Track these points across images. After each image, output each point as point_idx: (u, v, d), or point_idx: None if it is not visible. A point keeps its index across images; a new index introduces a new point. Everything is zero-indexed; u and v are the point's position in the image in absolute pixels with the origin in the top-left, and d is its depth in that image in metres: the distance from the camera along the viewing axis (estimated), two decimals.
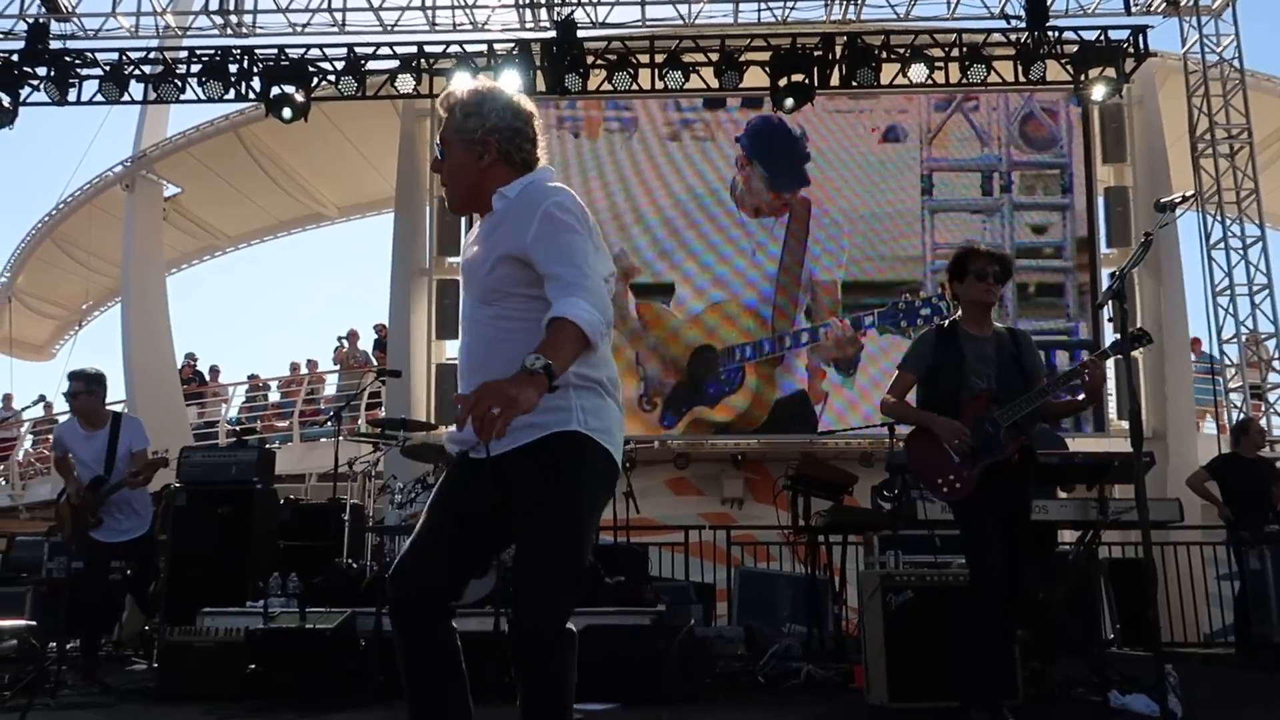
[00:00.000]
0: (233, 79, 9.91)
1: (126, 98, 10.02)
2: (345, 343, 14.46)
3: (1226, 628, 8.17)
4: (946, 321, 4.41)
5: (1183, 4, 10.57)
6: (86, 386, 6.23)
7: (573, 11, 10.00)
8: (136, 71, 9.96)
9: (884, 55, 9.78)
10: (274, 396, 15.62)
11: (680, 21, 10.54)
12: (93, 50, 10.02)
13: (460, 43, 10.15)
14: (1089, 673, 4.87)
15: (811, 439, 10.66)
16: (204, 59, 9.93)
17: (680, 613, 6.42)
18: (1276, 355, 10.29)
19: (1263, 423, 9.95)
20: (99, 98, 9.94)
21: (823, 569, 6.79)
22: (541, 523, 2.41)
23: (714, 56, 9.89)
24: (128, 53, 9.97)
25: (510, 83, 9.90)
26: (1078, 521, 5.30)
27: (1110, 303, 3.39)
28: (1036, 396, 4.14)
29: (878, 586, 4.75)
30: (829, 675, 5.56)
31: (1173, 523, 5.31)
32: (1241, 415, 9.84)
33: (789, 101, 9.79)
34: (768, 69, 9.83)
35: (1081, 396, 4.32)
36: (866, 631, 4.89)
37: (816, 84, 9.78)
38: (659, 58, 9.89)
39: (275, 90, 9.81)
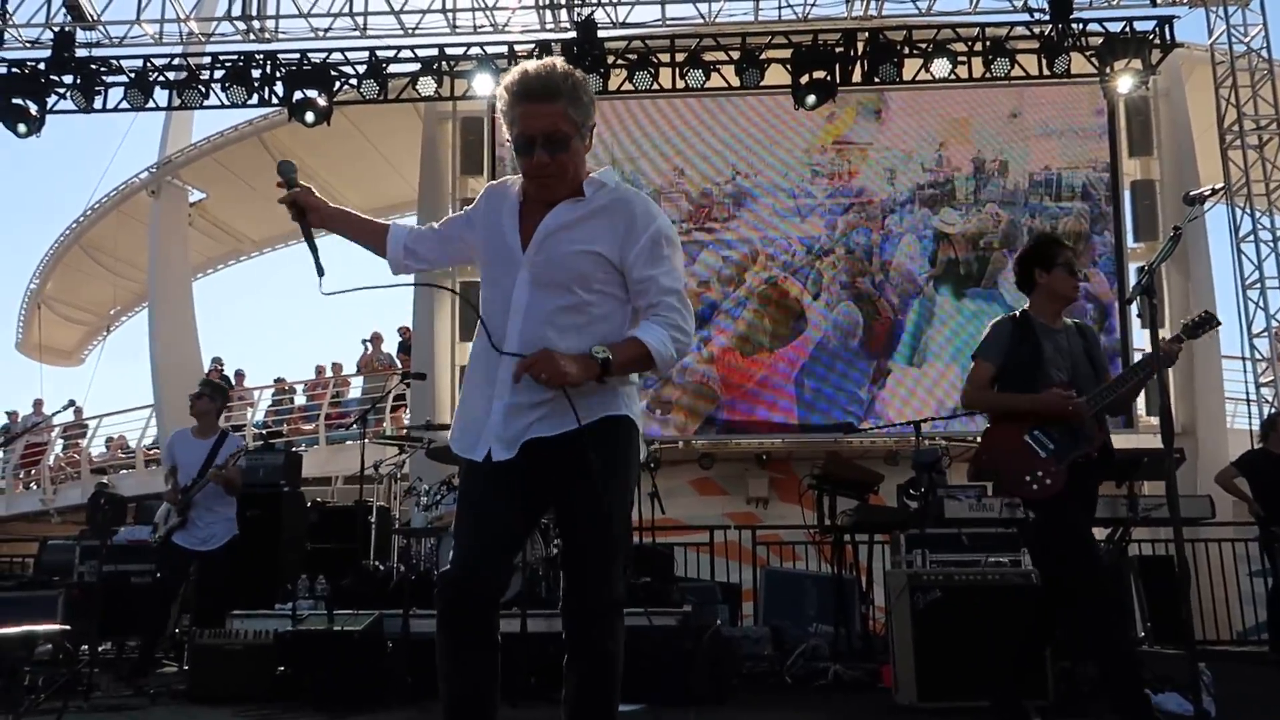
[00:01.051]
0: (255, 84, 10.00)
1: (151, 104, 10.14)
2: (369, 346, 14.54)
3: (1259, 625, 8.07)
4: (1019, 312, 4.20)
5: None
6: (209, 392, 6.70)
7: (593, 12, 10.00)
8: (161, 78, 10.07)
9: (906, 51, 9.73)
10: (300, 400, 15.73)
11: (700, 20, 10.52)
12: (118, 58, 10.13)
13: (481, 44, 10.18)
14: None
15: (837, 438, 10.62)
16: (227, 65, 10.02)
17: (706, 613, 6.41)
18: None
19: None
20: (124, 105, 10.08)
21: (849, 568, 6.75)
22: (604, 504, 2.41)
23: (735, 54, 9.87)
24: (152, 59, 10.09)
25: None
26: (1108, 519, 5.26)
27: (1140, 298, 3.30)
28: (1119, 384, 3.96)
29: (905, 586, 4.73)
30: (857, 675, 5.54)
31: (1204, 519, 5.27)
32: (1273, 409, 9.70)
33: (810, 99, 9.76)
34: (789, 66, 9.81)
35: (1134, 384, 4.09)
36: (894, 631, 4.87)
37: (839, 81, 9.75)
38: (680, 56, 9.90)
39: (298, 94, 9.90)
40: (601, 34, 9.95)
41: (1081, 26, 9.77)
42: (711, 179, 11.44)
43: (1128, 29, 9.73)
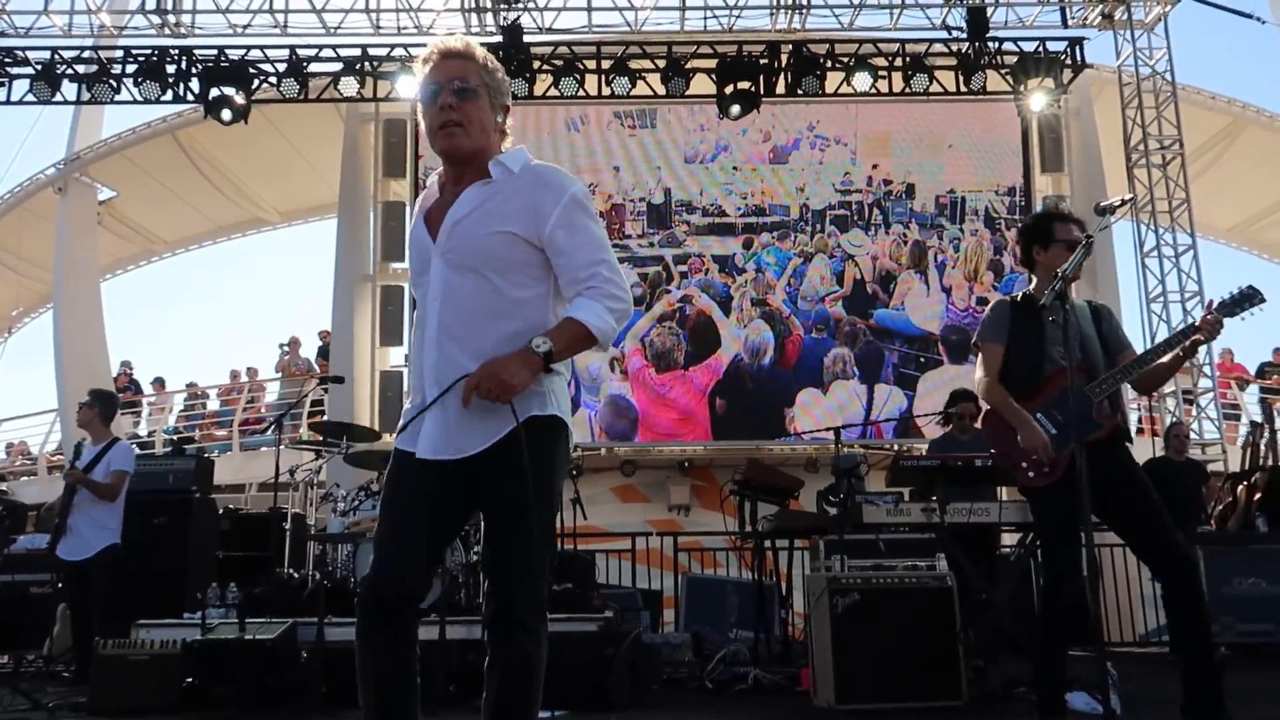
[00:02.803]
0: (170, 80, 9.76)
1: (59, 98, 9.81)
2: (287, 350, 14.24)
3: (1161, 627, 8.33)
4: (1020, 295, 4.01)
5: (1117, 18, 10.83)
6: (89, 401, 6.66)
7: (519, 17, 9.97)
8: (70, 71, 9.76)
9: (828, 64, 9.92)
10: (213, 405, 15.32)
11: (627, 28, 10.56)
12: (24, 48, 9.79)
13: (405, 46, 10.08)
14: (1030, 672, 4.93)
15: (758, 444, 10.71)
16: (140, 59, 9.75)
17: (628, 620, 6.39)
18: (1206, 360, 10.54)
19: (1194, 426, 10.20)
20: (30, 97, 9.72)
21: (769, 574, 6.80)
22: (532, 509, 2.35)
23: (661, 63, 9.94)
24: (60, 51, 9.76)
25: None
26: (1018, 523, 5.38)
27: (1055, 304, 3.35)
28: (1133, 367, 3.73)
29: (824, 589, 4.78)
30: (776, 679, 5.57)
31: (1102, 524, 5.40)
32: (1173, 419, 10.07)
33: (735, 109, 9.86)
34: (714, 76, 9.90)
35: (1169, 357, 3.77)
36: (814, 634, 4.92)
37: (762, 91, 9.87)
38: (605, 64, 9.92)
39: (214, 92, 9.67)
40: (527, 39, 9.94)
41: (997, 45, 10.08)
42: (625, 192, 11.41)
43: (1041, 49, 10.08)
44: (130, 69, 9.77)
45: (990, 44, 10.03)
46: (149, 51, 9.82)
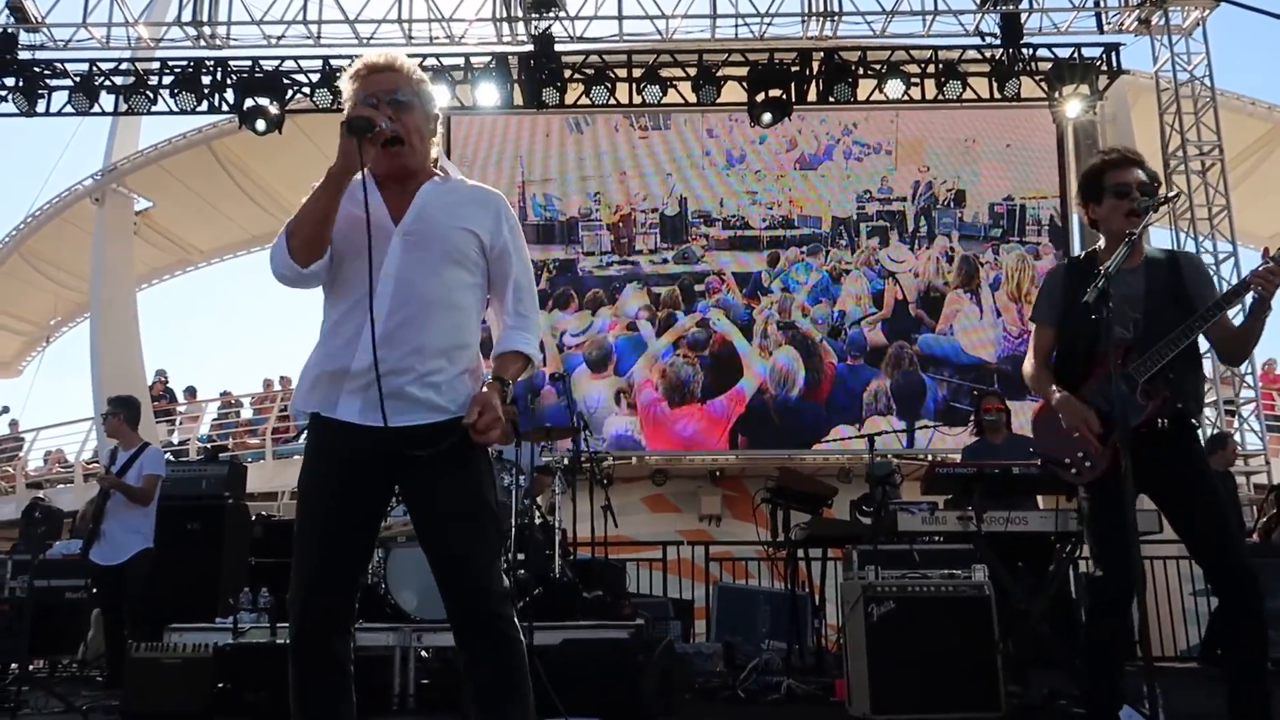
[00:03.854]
0: (206, 91, 9.86)
1: (97, 109, 9.96)
2: None
3: (1202, 643, 8.18)
4: (1083, 254, 3.56)
5: (1154, 23, 10.69)
6: (112, 410, 6.76)
7: (550, 25, 9.98)
8: (107, 83, 9.89)
9: (860, 71, 9.87)
10: (246, 413, 15.44)
11: (658, 36, 10.54)
12: (62, 61, 9.93)
13: (437, 55, 10.13)
14: (1070, 685, 4.83)
15: (790, 454, 10.63)
16: (176, 70, 9.87)
17: (659, 629, 6.35)
18: (1248, 370, 10.36)
19: (1236, 437, 10.01)
20: (69, 109, 9.86)
21: (802, 584, 6.74)
22: (478, 502, 2.43)
23: (691, 71, 9.92)
24: (98, 64, 9.89)
25: (488, 96, 9.91)
26: (1058, 532, 5.28)
27: (1097, 303, 3.13)
28: (1180, 337, 3.23)
29: (859, 597, 4.71)
30: (810, 689, 5.50)
31: (1150, 534, 5.29)
32: (1215, 427, 9.89)
33: (766, 116, 9.83)
34: (745, 84, 9.87)
35: (1242, 322, 3.31)
36: (848, 643, 4.84)
37: (794, 99, 9.83)
38: (637, 72, 9.92)
39: (249, 102, 9.75)
40: (559, 48, 9.95)
41: (1031, 52, 9.98)
42: (634, 202, 10.86)
43: (1076, 55, 9.96)
44: (166, 80, 9.89)
45: (1024, 50, 9.93)
46: (185, 63, 9.93)
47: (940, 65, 9.97)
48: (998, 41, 9.89)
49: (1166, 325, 3.28)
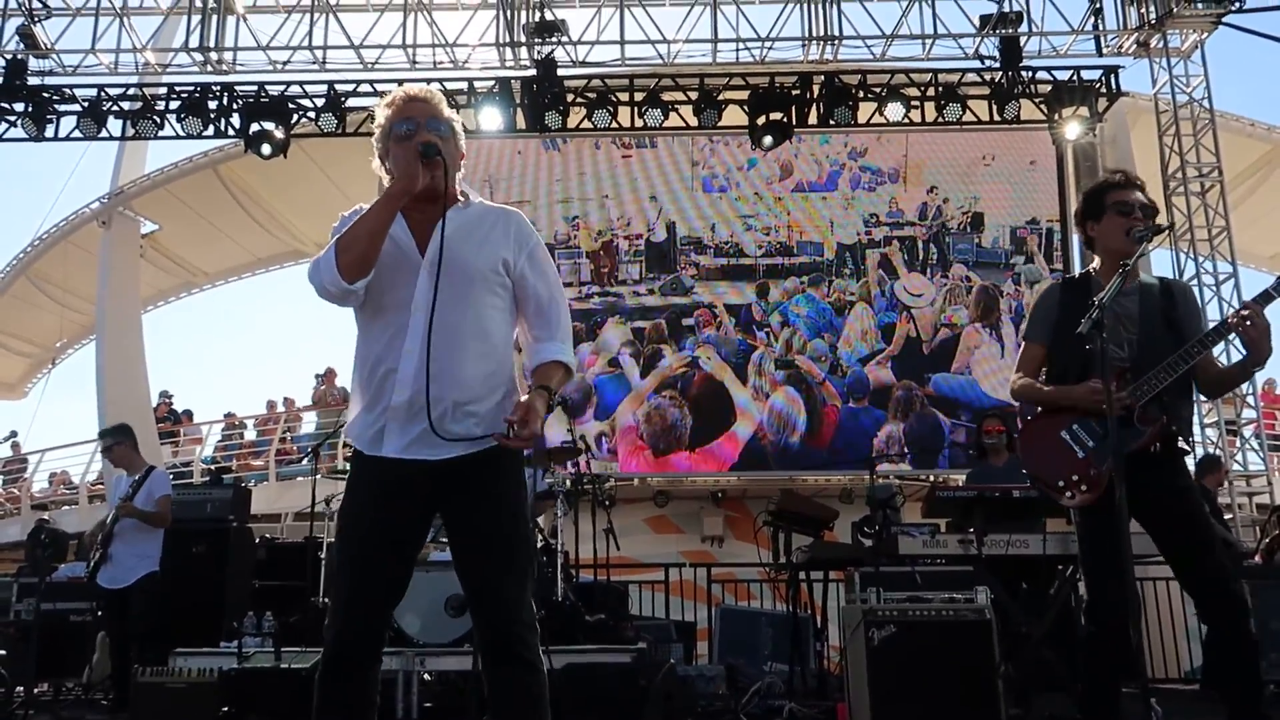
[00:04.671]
0: (212, 115, 9.97)
1: (104, 134, 10.06)
2: (323, 380, 14.38)
3: (1204, 668, 8.16)
4: (1079, 272, 3.60)
5: (1153, 46, 10.76)
6: (112, 443, 6.80)
7: (553, 50, 10.08)
8: (115, 108, 10.00)
9: (861, 94, 9.95)
10: (250, 435, 15.48)
11: (659, 61, 10.63)
12: (71, 86, 10.03)
13: (441, 80, 10.22)
14: (1072, 708, 4.84)
15: (792, 475, 10.63)
16: (183, 95, 9.97)
17: (661, 651, 6.36)
18: (1249, 391, 10.37)
19: (1237, 457, 10.02)
20: (77, 134, 9.97)
21: (804, 607, 6.74)
22: (515, 530, 2.48)
23: (693, 95, 10.01)
24: (106, 89, 10.00)
25: (491, 120, 10.00)
26: (1060, 556, 5.30)
27: (1092, 332, 3.18)
28: (1176, 364, 3.24)
29: (860, 621, 4.72)
30: (811, 713, 5.50)
31: (1152, 557, 5.31)
32: (1216, 449, 9.90)
33: (767, 139, 9.90)
34: (746, 107, 9.95)
35: (1244, 356, 3.34)
36: (849, 667, 4.86)
37: (795, 122, 9.90)
38: (639, 96, 10.01)
39: (255, 127, 9.85)
40: (561, 72, 10.04)
41: (1031, 74, 10.05)
42: (616, 228, 10.26)
43: (1075, 77, 10.04)
44: (173, 105, 9.99)
45: (1024, 73, 10.01)
46: (192, 88, 10.04)
47: (940, 88, 10.05)
48: (997, 64, 9.97)
49: (1161, 349, 3.32)
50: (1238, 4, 10.02)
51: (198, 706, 5.09)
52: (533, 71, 10.09)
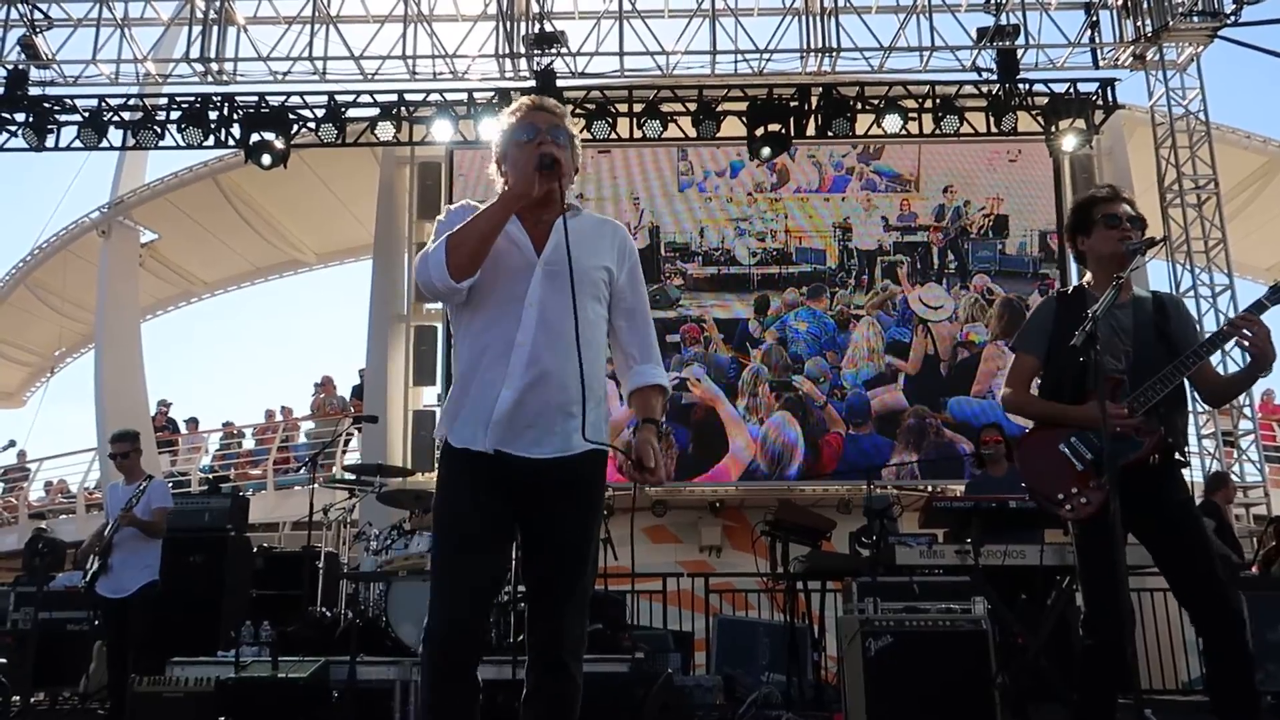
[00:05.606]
0: (212, 125, 10.00)
1: (105, 144, 10.09)
2: (321, 389, 14.39)
3: (1204, 675, 8.16)
4: (1070, 287, 3.60)
5: (1149, 58, 10.81)
6: (131, 444, 6.77)
7: (552, 61, 10.12)
8: (115, 118, 10.03)
9: (859, 106, 9.98)
10: (248, 444, 15.48)
11: (658, 72, 10.67)
12: (72, 97, 10.08)
13: (440, 91, 10.26)
14: (1068, 718, 4.84)
15: (790, 485, 10.64)
16: (184, 106, 10.01)
17: (659, 661, 6.36)
18: (1246, 402, 10.39)
19: (1235, 468, 10.03)
20: (77, 144, 10.00)
21: (801, 617, 6.75)
22: (588, 539, 2.52)
23: (691, 106, 10.05)
24: (107, 99, 10.03)
25: (491, 130, 10.02)
26: (1057, 566, 5.30)
27: (1085, 346, 3.20)
28: (1172, 375, 3.26)
29: (857, 631, 4.73)
30: None
31: (1148, 568, 5.33)
32: (1216, 461, 9.92)
33: (765, 150, 9.93)
34: (744, 119, 9.99)
35: (1248, 363, 3.29)
36: (847, 677, 4.87)
37: (793, 134, 9.94)
38: (638, 107, 10.04)
39: (255, 137, 9.88)
40: (560, 83, 10.08)
41: (1028, 87, 10.10)
42: None
43: (1072, 90, 10.09)
44: (174, 115, 10.03)
45: (1021, 85, 10.05)
46: (192, 98, 10.08)
47: (937, 100, 10.09)
48: (994, 77, 10.03)
49: (1154, 361, 3.33)
50: (1233, 17, 10.07)
51: (195, 716, 5.09)
52: (532, 83, 10.13)
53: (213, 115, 10.01)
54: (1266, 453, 11.03)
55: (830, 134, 9.99)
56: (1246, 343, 3.20)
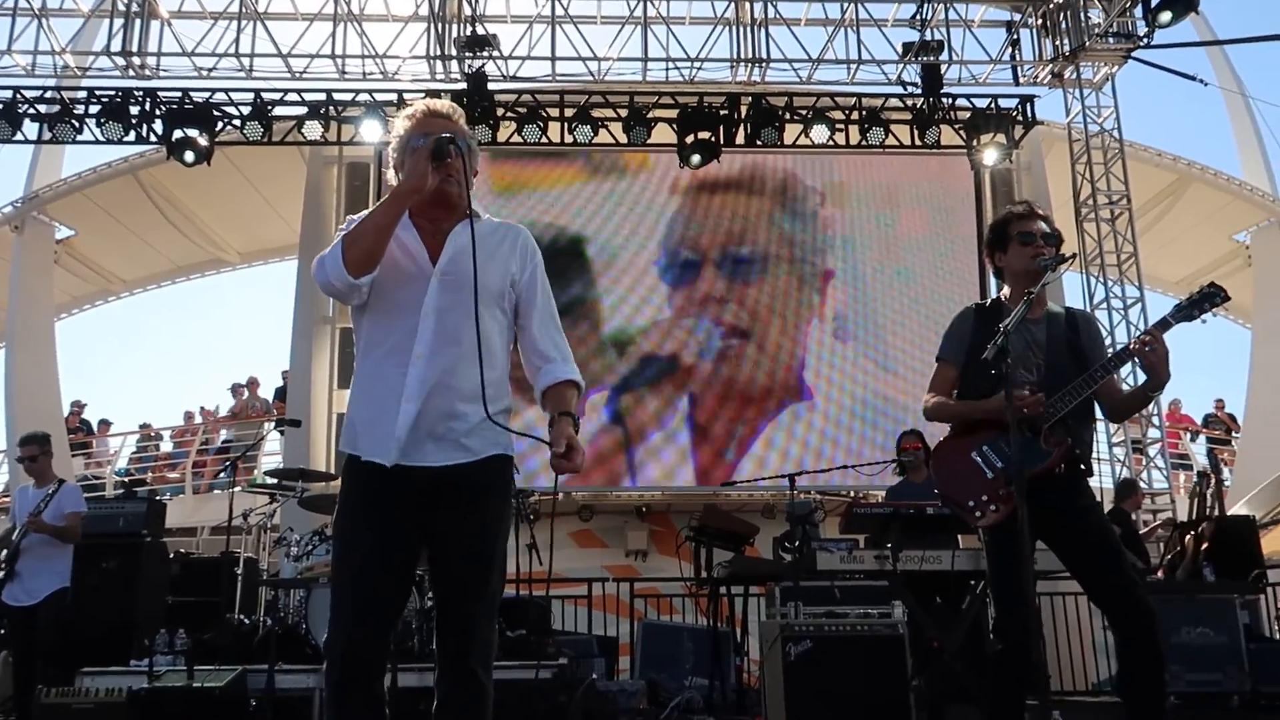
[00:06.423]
0: (134, 121, 9.78)
1: (20, 137, 9.78)
2: (245, 391, 14.11)
3: (1113, 677, 8.40)
4: (989, 300, 3.70)
5: (1067, 77, 11.15)
6: (40, 448, 6.61)
7: (484, 64, 10.09)
8: (31, 110, 9.73)
9: (787, 116, 10.13)
10: (166, 446, 15.11)
11: (590, 77, 10.71)
12: None
13: (370, 91, 10.16)
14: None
15: (715, 491, 10.73)
16: (104, 100, 9.76)
17: (583, 666, 6.37)
18: (1155, 411, 10.75)
19: (1143, 475, 10.38)
20: None
21: (725, 621, 6.81)
22: (494, 545, 2.50)
23: (623, 112, 10.09)
24: (22, 91, 9.73)
25: None
26: (972, 571, 5.44)
27: (996, 359, 3.20)
28: (1080, 388, 3.37)
29: (777, 637, 4.80)
30: None
31: (1059, 572, 5.49)
32: (1126, 470, 10.25)
33: (695, 158, 10.03)
34: (675, 126, 10.07)
35: (1144, 381, 3.41)
36: (767, 681, 4.93)
37: (722, 142, 10.05)
38: (569, 112, 10.06)
39: (178, 133, 9.67)
40: (491, 86, 10.05)
41: (951, 101, 10.36)
42: None
43: (993, 105, 10.37)
44: (93, 109, 9.77)
45: (944, 100, 10.30)
46: (113, 93, 9.83)
47: (864, 112, 10.30)
48: (919, 91, 10.25)
49: (1064, 376, 3.44)
50: (1145, 40, 10.43)
51: None
52: (463, 85, 10.08)
53: (134, 110, 9.78)
54: (1172, 460, 11.43)
55: (759, 143, 10.13)
56: (1142, 360, 3.31)
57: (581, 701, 5.11)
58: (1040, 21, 11.08)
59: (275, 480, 7.47)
